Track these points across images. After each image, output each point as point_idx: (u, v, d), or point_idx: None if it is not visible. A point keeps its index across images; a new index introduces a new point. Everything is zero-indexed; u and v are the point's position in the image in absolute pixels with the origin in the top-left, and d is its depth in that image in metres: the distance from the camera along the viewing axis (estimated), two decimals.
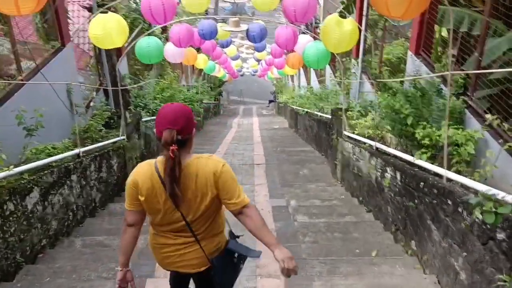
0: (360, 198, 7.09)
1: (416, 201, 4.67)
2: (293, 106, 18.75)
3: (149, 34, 9.99)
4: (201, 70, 17.46)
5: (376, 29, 10.85)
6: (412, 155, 5.45)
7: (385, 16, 3.72)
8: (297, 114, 17.11)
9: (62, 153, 6.02)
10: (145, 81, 12.23)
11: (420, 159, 4.84)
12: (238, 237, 2.76)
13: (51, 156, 5.74)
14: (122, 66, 11.52)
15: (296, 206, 6.91)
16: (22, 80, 6.35)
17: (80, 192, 6.21)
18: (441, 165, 4.43)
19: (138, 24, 12.75)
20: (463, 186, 3.93)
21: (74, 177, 5.97)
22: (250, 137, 16.22)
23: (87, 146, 7.07)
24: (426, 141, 4.89)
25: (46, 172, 5.18)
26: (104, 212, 6.87)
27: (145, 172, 2.42)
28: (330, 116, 9.96)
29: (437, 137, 4.86)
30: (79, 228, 5.96)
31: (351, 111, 8.93)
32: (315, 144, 12.74)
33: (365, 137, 7.17)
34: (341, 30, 5.59)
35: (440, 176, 4.31)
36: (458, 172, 4.51)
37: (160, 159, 2.40)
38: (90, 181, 6.62)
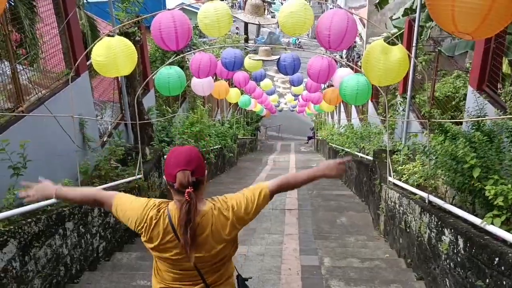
0: (408, 260, 5.91)
1: (487, 280, 3.53)
2: (331, 144, 17.67)
3: (174, 64, 9.35)
4: (237, 104, 16.79)
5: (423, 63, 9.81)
6: (475, 214, 4.34)
7: (449, 33, 2.67)
8: (336, 153, 16.00)
9: None
10: (171, 114, 11.52)
11: (493, 224, 3.73)
12: (247, 280, 2.74)
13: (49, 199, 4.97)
14: (149, 98, 10.91)
15: (330, 267, 5.80)
16: (22, 111, 5.65)
17: (78, 241, 5.35)
18: None
19: (170, 55, 12.19)
20: None
21: (69, 225, 5.12)
22: None
23: (96, 186, 6.33)
24: (500, 202, 3.77)
25: (29, 220, 4.35)
26: (107, 265, 5.96)
27: (156, 214, 2.27)
28: (372, 158, 8.88)
29: None
30: (72, 287, 5.06)
31: (396, 154, 7.84)
32: (355, 188, 11.57)
33: (414, 186, 6.07)
34: (389, 58, 4.59)
35: None
36: None
37: (171, 205, 2.29)
38: (92, 228, 5.76)
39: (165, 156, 9.19)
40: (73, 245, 5.24)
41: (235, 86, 13.14)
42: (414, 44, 7.30)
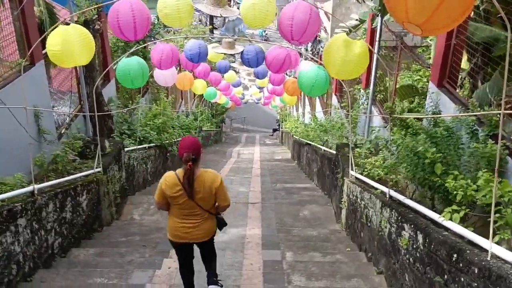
0: (369, 254, 5.96)
1: (445, 276, 3.56)
2: (296, 137, 17.72)
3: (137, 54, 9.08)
4: (202, 95, 16.53)
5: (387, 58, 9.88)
6: (434, 209, 4.39)
7: (402, 25, 2.62)
8: (300, 146, 16.08)
9: (12, 190, 5.00)
10: (133, 106, 11.24)
11: (451, 219, 3.76)
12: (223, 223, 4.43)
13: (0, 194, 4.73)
14: (110, 89, 10.59)
15: (292, 262, 5.78)
16: None
17: (31, 238, 5.12)
18: (481, 232, 3.37)
19: (133, 45, 11.85)
20: None
21: (22, 221, 4.89)
22: (249, 169, 15.13)
23: (51, 180, 6.08)
24: (460, 195, 3.81)
25: None
26: (62, 262, 5.74)
27: (170, 180, 3.93)
28: (335, 152, 8.92)
29: (473, 192, 3.78)
30: (24, 285, 4.83)
31: (359, 147, 7.88)
32: (318, 181, 11.63)
33: (375, 180, 6.11)
34: (348, 52, 4.55)
35: (481, 248, 3.23)
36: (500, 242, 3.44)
37: (179, 170, 3.94)
38: (47, 223, 5.53)
39: (125, 149, 8.99)
40: (26, 242, 5.01)
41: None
42: (377, 39, 7.33)
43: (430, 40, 8.37)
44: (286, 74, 11.59)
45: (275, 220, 8.13)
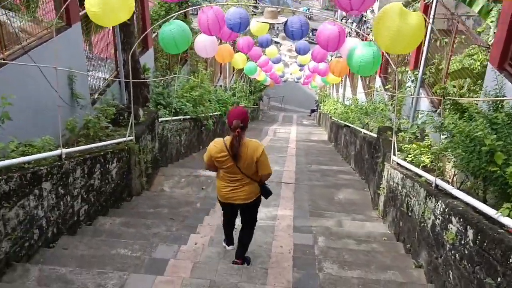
0: (407, 245, 5.55)
1: (499, 279, 3.16)
2: (334, 119, 17.19)
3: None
4: (241, 71, 16.17)
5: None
6: (485, 203, 3.93)
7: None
8: (338, 128, 15.58)
9: (39, 152, 4.84)
10: (171, 76, 11.02)
11: (509, 216, 3.33)
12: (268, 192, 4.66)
13: (26, 156, 4.58)
14: (148, 58, 10.40)
15: (324, 248, 5.45)
16: (3, 59, 5.20)
17: (56, 203, 4.97)
18: None
19: (173, 13, 11.59)
20: None
21: (47, 185, 4.73)
22: (285, 148, 14.78)
23: (80, 145, 5.93)
24: None
25: None
26: (88, 229, 5.61)
27: (218, 145, 4.32)
28: (376, 135, 8.45)
29: None
30: (46, 251, 4.69)
31: (403, 132, 7.41)
32: (356, 164, 11.18)
33: (419, 167, 5.67)
34: (404, 23, 4.10)
35: None
36: None
37: (227, 138, 4.31)
38: (74, 189, 5.38)
39: (159, 119, 8.81)
40: (50, 207, 4.86)
41: (239, 51, 12.59)
42: (431, 15, 6.76)
43: (491, 22, 7.74)
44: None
45: (308, 202, 7.80)
